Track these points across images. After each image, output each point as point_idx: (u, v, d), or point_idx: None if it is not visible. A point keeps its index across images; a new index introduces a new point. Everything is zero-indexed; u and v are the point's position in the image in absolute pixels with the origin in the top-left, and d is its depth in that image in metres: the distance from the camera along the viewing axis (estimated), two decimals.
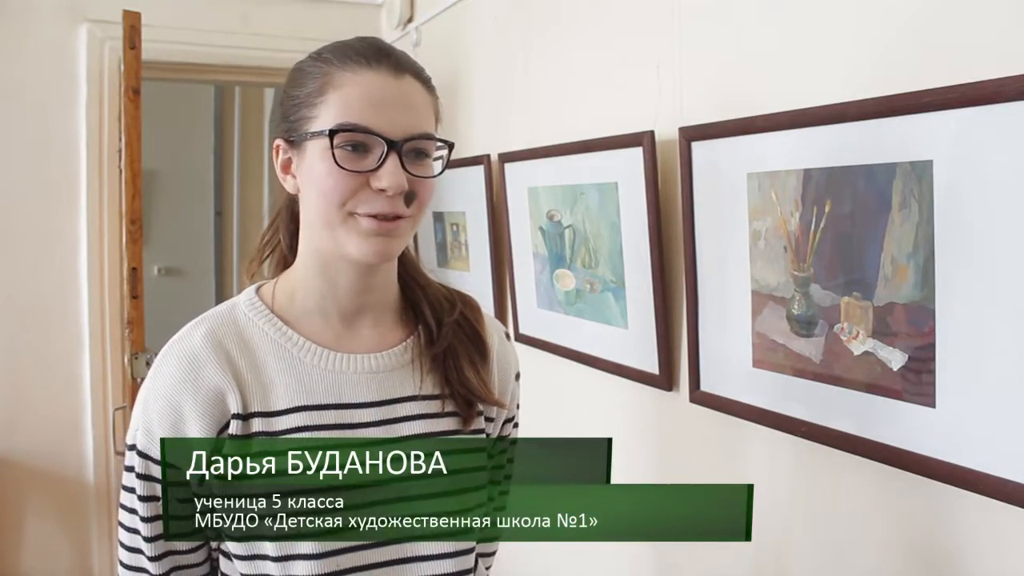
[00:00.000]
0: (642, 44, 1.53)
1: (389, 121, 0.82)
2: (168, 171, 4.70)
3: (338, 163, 0.81)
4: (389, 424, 0.89)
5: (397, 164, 0.82)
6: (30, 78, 2.50)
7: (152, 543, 0.86)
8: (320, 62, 0.85)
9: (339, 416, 0.87)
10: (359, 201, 0.82)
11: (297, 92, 0.86)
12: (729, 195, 1.27)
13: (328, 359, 0.89)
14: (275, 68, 2.73)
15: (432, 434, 0.91)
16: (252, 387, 0.86)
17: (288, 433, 0.85)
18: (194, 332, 0.89)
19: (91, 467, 2.63)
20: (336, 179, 0.81)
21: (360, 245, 0.83)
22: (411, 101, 0.84)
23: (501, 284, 2.13)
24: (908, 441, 1.02)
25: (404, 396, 0.91)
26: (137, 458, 0.86)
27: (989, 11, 0.93)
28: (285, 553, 0.83)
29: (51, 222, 2.56)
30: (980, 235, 0.92)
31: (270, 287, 0.94)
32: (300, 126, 0.85)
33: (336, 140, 0.81)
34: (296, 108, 0.86)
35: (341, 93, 0.82)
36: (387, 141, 0.81)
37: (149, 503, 0.86)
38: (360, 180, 0.82)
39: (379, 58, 0.84)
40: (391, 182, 0.81)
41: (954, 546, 1.00)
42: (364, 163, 0.82)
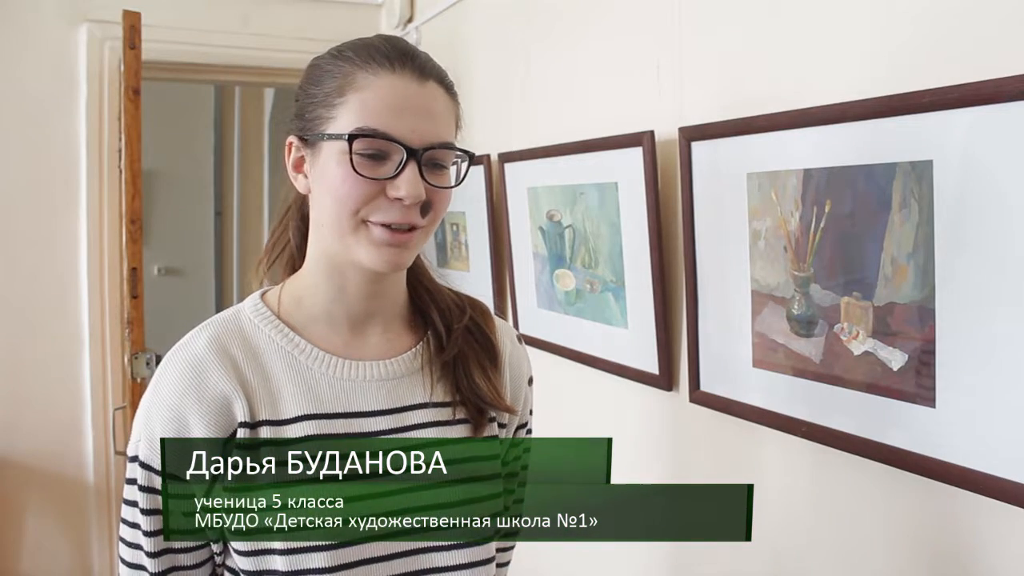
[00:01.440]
0: (642, 44, 1.53)
1: (410, 128, 0.79)
2: (168, 171, 4.70)
3: (356, 169, 0.78)
4: (400, 433, 0.87)
5: (416, 173, 0.79)
6: (30, 78, 2.50)
7: (156, 559, 0.84)
8: (341, 60, 0.82)
9: (348, 425, 0.85)
10: (373, 209, 0.80)
11: (315, 90, 0.83)
12: (729, 195, 1.27)
13: (336, 367, 0.87)
14: (275, 68, 2.73)
15: (443, 442, 0.87)
16: (259, 395, 0.84)
17: (297, 443, 0.83)
18: (197, 338, 0.86)
19: (91, 467, 2.63)
20: (351, 185, 0.79)
21: (371, 254, 0.81)
22: (433, 108, 0.82)
23: (501, 284, 2.13)
24: (908, 441, 1.02)
25: (414, 404, 0.89)
26: (140, 470, 0.83)
27: (989, 11, 0.93)
28: (296, 568, 0.82)
29: (51, 222, 2.56)
30: (980, 235, 0.92)
31: (276, 292, 0.91)
32: (316, 125, 0.82)
33: (355, 145, 0.78)
34: (312, 106, 0.83)
35: (362, 96, 0.79)
36: (407, 149, 0.79)
37: (152, 516, 0.83)
38: (377, 188, 0.79)
39: (403, 61, 0.81)
40: (409, 191, 0.78)
41: (954, 546, 1.00)
42: (382, 170, 0.79)
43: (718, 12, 1.35)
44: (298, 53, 0.94)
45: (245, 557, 0.83)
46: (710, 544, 1.42)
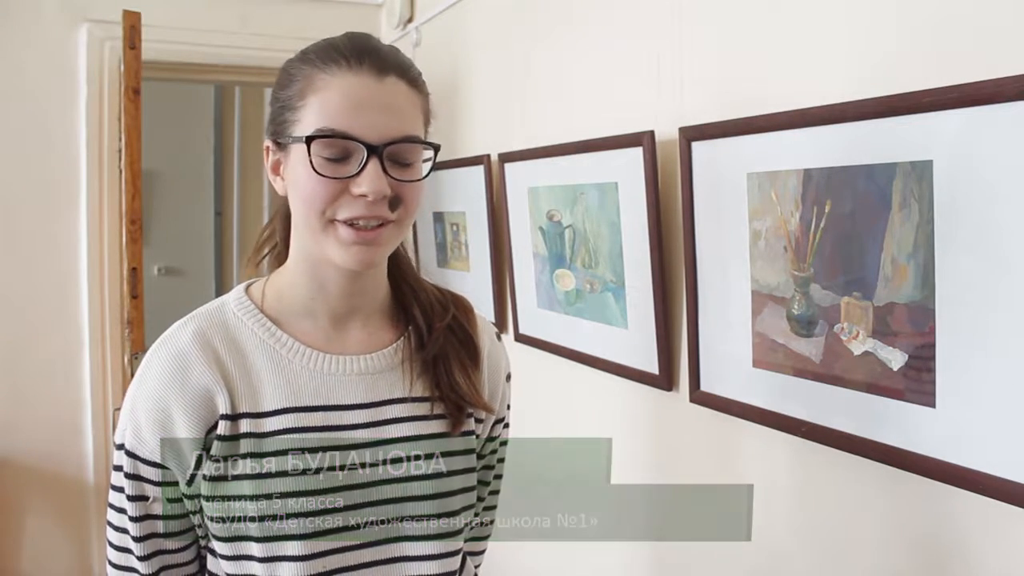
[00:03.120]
0: (642, 44, 1.53)
1: (369, 125, 0.80)
2: (168, 171, 4.70)
3: (316, 170, 0.79)
4: (377, 426, 0.88)
5: (378, 169, 0.79)
6: (30, 78, 2.50)
7: (141, 543, 0.86)
8: (304, 63, 0.84)
9: (327, 418, 0.87)
10: (339, 207, 0.81)
11: (282, 93, 0.85)
12: (729, 195, 1.27)
13: (317, 360, 0.88)
14: (275, 68, 2.66)
15: (420, 436, 0.90)
16: (240, 388, 0.85)
17: (276, 435, 0.85)
18: (182, 331, 0.88)
19: (91, 467, 2.63)
20: (314, 185, 0.80)
21: (340, 253, 0.82)
22: (393, 103, 0.82)
23: (501, 284, 2.13)
24: (908, 441, 1.02)
25: (393, 398, 0.90)
26: (126, 458, 0.86)
27: (989, 11, 0.93)
28: (271, 554, 0.83)
29: (51, 222, 2.56)
30: (980, 235, 0.92)
31: (260, 286, 0.93)
32: (285, 128, 0.84)
33: (314, 147, 0.79)
34: (281, 110, 0.85)
35: (320, 96, 0.80)
36: (367, 146, 0.79)
37: (138, 503, 0.86)
38: (340, 186, 0.80)
39: (360, 58, 0.81)
40: (371, 187, 0.79)
41: (954, 546, 1.00)
42: (344, 169, 0.80)
43: (718, 12, 1.35)
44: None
45: (224, 543, 0.85)
46: (709, 544, 1.42)
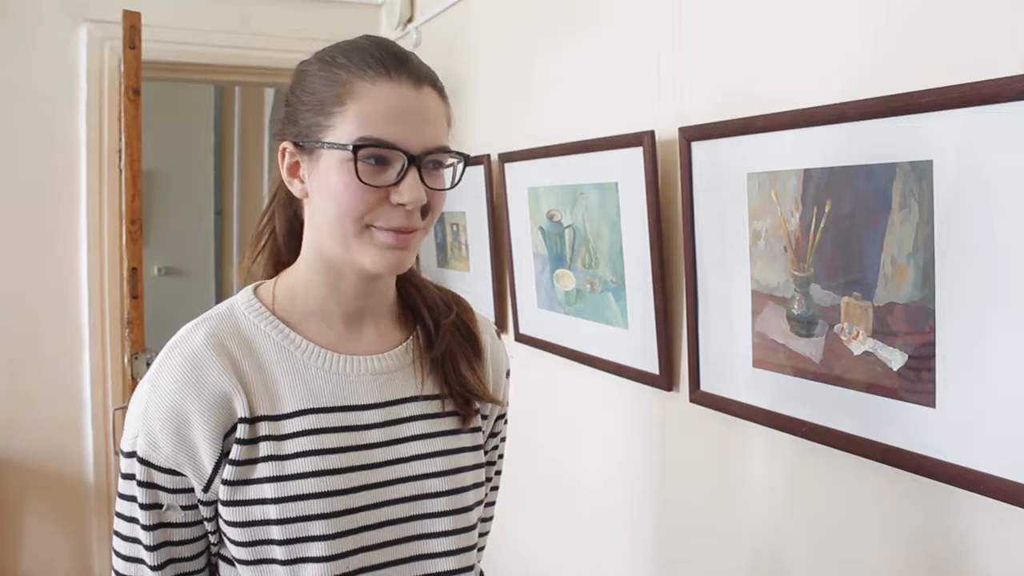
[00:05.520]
0: (642, 44, 1.53)
1: (410, 135, 0.81)
2: (168, 171, 4.71)
3: (360, 178, 0.80)
4: (393, 425, 0.89)
5: (417, 179, 0.81)
6: (30, 78, 2.50)
7: (154, 551, 0.84)
8: (336, 68, 0.83)
9: (344, 418, 0.87)
10: (377, 215, 0.82)
11: (308, 97, 0.84)
12: (729, 195, 1.27)
13: (331, 361, 0.89)
14: (275, 68, 2.73)
15: (434, 434, 0.91)
16: (258, 390, 0.85)
17: (294, 436, 0.84)
18: (195, 334, 0.86)
19: (91, 467, 2.63)
20: (354, 193, 0.80)
21: (375, 258, 0.83)
22: (429, 113, 0.83)
23: (501, 284, 2.13)
24: (908, 441, 1.02)
25: (407, 397, 0.91)
26: (138, 465, 0.83)
27: (989, 11, 0.93)
28: (295, 556, 0.82)
29: (51, 222, 2.56)
30: (980, 235, 0.92)
31: (269, 287, 0.93)
32: (313, 132, 0.83)
33: (359, 154, 0.80)
34: (308, 113, 0.84)
35: (361, 105, 0.80)
36: (408, 155, 0.80)
37: (152, 511, 0.83)
38: (380, 195, 0.81)
39: (398, 67, 0.82)
40: (412, 197, 0.80)
41: (954, 546, 1.00)
42: (384, 177, 0.81)
43: (718, 12, 1.35)
44: (298, 53, 0.94)
45: (243, 548, 0.83)
46: (708, 542, 1.42)
